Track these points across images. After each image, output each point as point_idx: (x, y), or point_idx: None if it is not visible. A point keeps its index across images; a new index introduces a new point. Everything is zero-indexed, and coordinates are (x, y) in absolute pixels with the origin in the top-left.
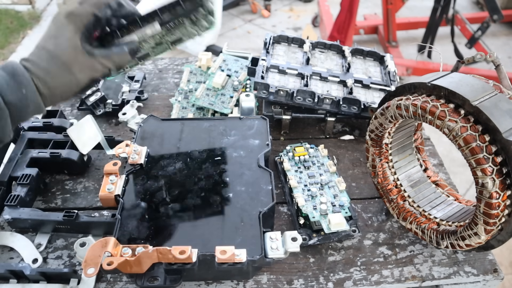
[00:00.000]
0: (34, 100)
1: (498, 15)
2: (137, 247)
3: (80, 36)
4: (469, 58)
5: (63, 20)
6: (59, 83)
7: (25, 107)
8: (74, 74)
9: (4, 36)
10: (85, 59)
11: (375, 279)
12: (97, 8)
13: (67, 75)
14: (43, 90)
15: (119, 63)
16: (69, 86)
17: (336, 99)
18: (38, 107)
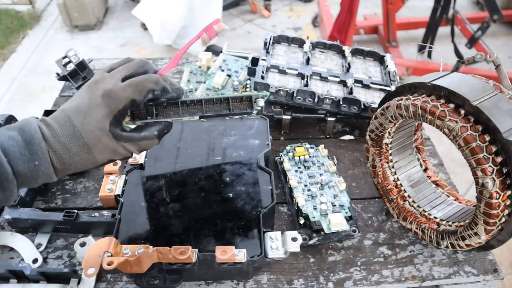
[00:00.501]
0: (46, 172)
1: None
2: (137, 247)
3: (111, 119)
4: (469, 58)
5: (98, 99)
6: (75, 161)
7: (35, 178)
8: (93, 155)
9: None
10: (109, 142)
11: (375, 279)
12: (138, 94)
13: (86, 155)
14: (57, 165)
15: (144, 148)
16: (84, 165)
17: (336, 99)
18: (49, 178)
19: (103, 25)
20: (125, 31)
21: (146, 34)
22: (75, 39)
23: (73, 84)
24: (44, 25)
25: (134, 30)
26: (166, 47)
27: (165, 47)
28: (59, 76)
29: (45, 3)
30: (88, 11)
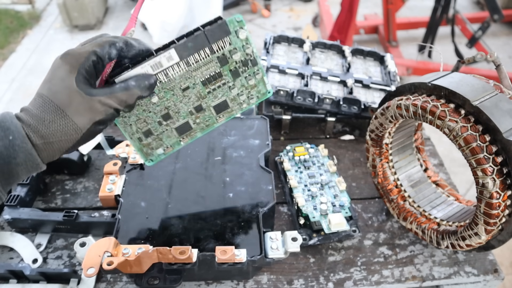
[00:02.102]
0: (24, 149)
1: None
2: (137, 247)
3: (75, 76)
4: (470, 58)
5: (58, 61)
6: (53, 129)
7: (13, 157)
8: (70, 118)
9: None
10: (82, 100)
11: (375, 279)
12: (98, 47)
13: (62, 120)
14: (35, 140)
15: (125, 100)
16: (66, 133)
17: (336, 99)
18: (31, 159)
19: (103, 25)
20: None
21: (146, 34)
22: (75, 39)
23: None
24: (44, 25)
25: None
26: None
27: None
28: None
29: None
30: (88, 11)
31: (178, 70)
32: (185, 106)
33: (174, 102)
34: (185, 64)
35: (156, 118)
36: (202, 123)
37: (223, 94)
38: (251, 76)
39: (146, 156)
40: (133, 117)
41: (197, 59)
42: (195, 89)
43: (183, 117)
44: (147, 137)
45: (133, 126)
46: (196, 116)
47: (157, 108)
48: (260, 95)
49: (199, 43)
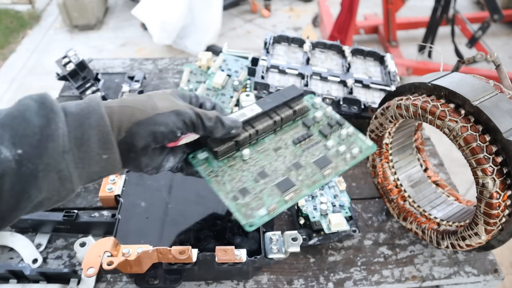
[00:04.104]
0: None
1: (499, 15)
2: (137, 247)
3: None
4: (470, 58)
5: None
6: (132, 99)
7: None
8: (152, 98)
9: (4, 36)
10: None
11: (375, 279)
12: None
13: (144, 97)
14: (110, 103)
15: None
16: (143, 104)
17: (336, 99)
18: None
19: (103, 25)
20: (125, 31)
21: (146, 34)
22: (75, 39)
23: (73, 84)
24: (44, 25)
25: (134, 30)
26: (166, 47)
27: (165, 47)
28: (59, 76)
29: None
30: (88, 11)
31: (264, 124)
32: (281, 164)
33: (269, 162)
34: (269, 118)
35: (252, 176)
36: (307, 179)
37: (320, 152)
38: (345, 137)
39: (246, 218)
40: (226, 176)
41: (279, 114)
42: (288, 149)
43: (282, 174)
44: (244, 196)
45: (227, 185)
46: (297, 173)
47: (252, 168)
48: (363, 150)
49: (276, 97)
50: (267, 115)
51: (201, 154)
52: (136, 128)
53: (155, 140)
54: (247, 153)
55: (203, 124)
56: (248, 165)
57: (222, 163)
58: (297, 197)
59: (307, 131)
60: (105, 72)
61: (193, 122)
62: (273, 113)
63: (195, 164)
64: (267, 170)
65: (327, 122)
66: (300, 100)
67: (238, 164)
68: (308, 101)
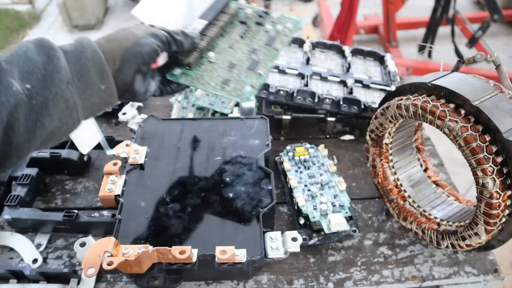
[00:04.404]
0: (90, 46)
1: (499, 15)
2: (137, 247)
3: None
4: (470, 58)
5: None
6: (115, 33)
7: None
8: (130, 29)
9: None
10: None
11: (375, 279)
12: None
13: (124, 31)
14: (99, 40)
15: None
16: (126, 35)
17: (336, 99)
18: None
19: (103, 25)
20: None
21: None
22: None
23: None
24: (44, 25)
25: None
26: None
27: None
28: None
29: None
30: (88, 11)
31: (213, 30)
32: (242, 54)
33: (232, 55)
34: (214, 26)
35: (226, 69)
36: (266, 56)
37: (264, 36)
38: (276, 20)
39: (239, 96)
40: (206, 77)
41: (221, 19)
42: (240, 43)
43: (247, 59)
44: (229, 84)
45: (211, 82)
46: (257, 55)
47: (222, 64)
48: (294, 23)
49: (211, 10)
50: (212, 24)
51: (177, 70)
52: (126, 54)
53: (144, 61)
54: (212, 55)
55: (174, 39)
56: (217, 64)
57: (197, 70)
58: (266, 69)
59: (246, 26)
60: None
61: (167, 38)
62: (215, 21)
63: (177, 78)
64: (234, 61)
65: (258, 14)
66: (231, 6)
67: (209, 66)
68: (236, 4)
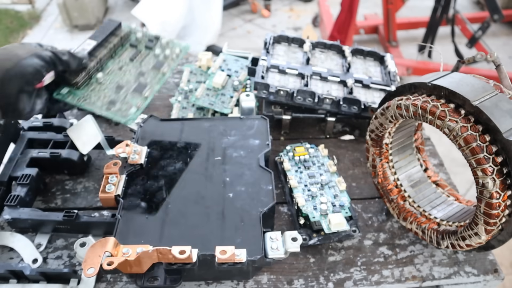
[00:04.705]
0: None
1: (499, 15)
2: (137, 247)
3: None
4: (470, 58)
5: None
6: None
7: None
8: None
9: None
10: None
11: (375, 279)
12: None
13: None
14: None
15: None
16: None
17: (336, 99)
18: None
19: None
20: None
21: None
22: (75, 39)
23: None
24: (44, 25)
25: None
26: None
27: None
28: None
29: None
30: (88, 11)
31: (102, 52)
32: (130, 76)
33: (120, 77)
34: (104, 48)
35: (113, 91)
36: (153, 79)
37: (153, 60)
38: (165, 45)
39: (124, 117)
40: (93, 97)
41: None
42: (129, 66)
43: (134, 82)
44: (115, 105)
45: (97, 102)
46: (144, 78)
47: (109, 85)
48: (182, 48)
49: (101, 31)
50: (102, 46)
51: (63, 90)
52: (7, 75)
53: (26, 82)
54: (100, 76)
55: (60, 59)
56: (105, 85)
57: (84, 90)
58: (152, 92)
59: (136, 49)
60: None
61: (52, 59)
62: (105, 43)
63: (63, 98)
64: (122, 83)
65: (147, 39)
66: (121, 29)
67: (97, 87)
68: (127, 28)
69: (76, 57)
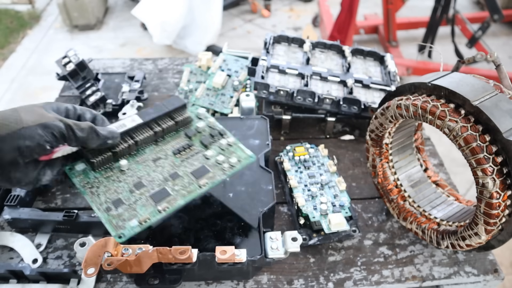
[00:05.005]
0: None
1: (499, 15)
2: (137, 247)
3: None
4: (470, 58)
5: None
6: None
7: None
8: (18, 111)
9: (4, 36)
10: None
11: (375, 279)
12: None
13: (10, 111)
14: None
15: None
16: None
17: (336, 99)
18: None
19: (103, 25)
20: (125, 31)
21: (146, 34)
22: (75, 39)
23: (73, 84)
24: (44, 25)
25: (134, 30)
26: (166, 47)
27: (165, 47)
28: (59, 76)
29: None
30: (88, 11)
31: (144, 134)
32: (159, 174)
33: (147, 172)
34: (149, 129)
35: (128, 187)
36: (183, 189)
37: (200, 162)
38: (226, 146)
39: (116, 229)
40: (102, 187)
41: (161, 125)
42: (167, 160)
43: (158, 185)
44: (117, 207)
45: (101, 196)
46: (174, 183)
47: (129, 179)
48: (241, 159)
49: (159, 108)
50: (148, 126)
51: (79, 166)
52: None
53: (21, 154)
54: (124, 164)
55: (75, 135)
56: (125, 175)
57: (99, 174)
58: (171, 207)
59: (189, 141)
60: (105, 72)
61: (63, 133)
62: (154, 124)
63: (72, 176)
64: (144, 180)
65: (209, 133)
66: (184, 111)
67: (115, 175)
68: (192, 112)
69: (98, 136)
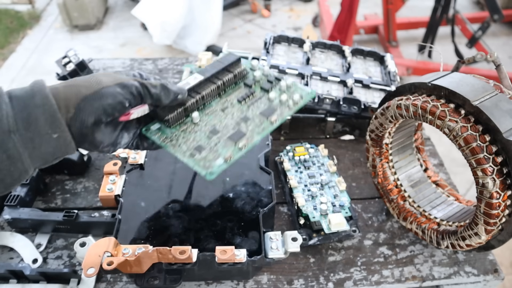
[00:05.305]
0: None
1: (499, 15)
2: (137, 247)
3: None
4: (470, 58)
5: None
6: (75, 80)
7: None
8: (95, 76)
9: (4, 36)
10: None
11: (375, 279)
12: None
13: (87, 76)
14: (55, 86)
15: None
16: (87, 80)
17: (336, 99)
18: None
19: (103, 25)
20: (125, 31)
21: (146, 34)
22: (75, 39)
23: None
24: (44, 25)
25: (134, 30)
26: (166, 47)
27: (165, 47)
28: (59, 76)
29: (45, 3)
30: (88, 11)
31: (208, 89)
32: (230, 120)
33: (219, 120)
34: (212, 83)
35: (205, 135)
36: (256, 128)
37: (265, 105)
38: (286, 88)
39: (205, 168)
40: (180, 139)
41: (221, 79)
42: (234, 108)
43: (232, 128)
44: (201, 152)
45: (182, 146)
46: (247, 125)
47: (204, 128)
48: (303, 95)
49: (216, 65)
50: (210, 81)
51: (154, 126)
52: (83, 103)
53: (105, 113)
54: (196, 116)
55: (149, 92)
56: (199, 126)
57: (175, 129)
58: (250, 144)
59: (249, 90)
60: None
61: (139, 91)
62: (215, 79)
63: (149, 135)
64: (218, 127)
65: (266, 79)
66: (239, 65)
67: (190, 127)
68: (246, 65)
69: (170, 92)
